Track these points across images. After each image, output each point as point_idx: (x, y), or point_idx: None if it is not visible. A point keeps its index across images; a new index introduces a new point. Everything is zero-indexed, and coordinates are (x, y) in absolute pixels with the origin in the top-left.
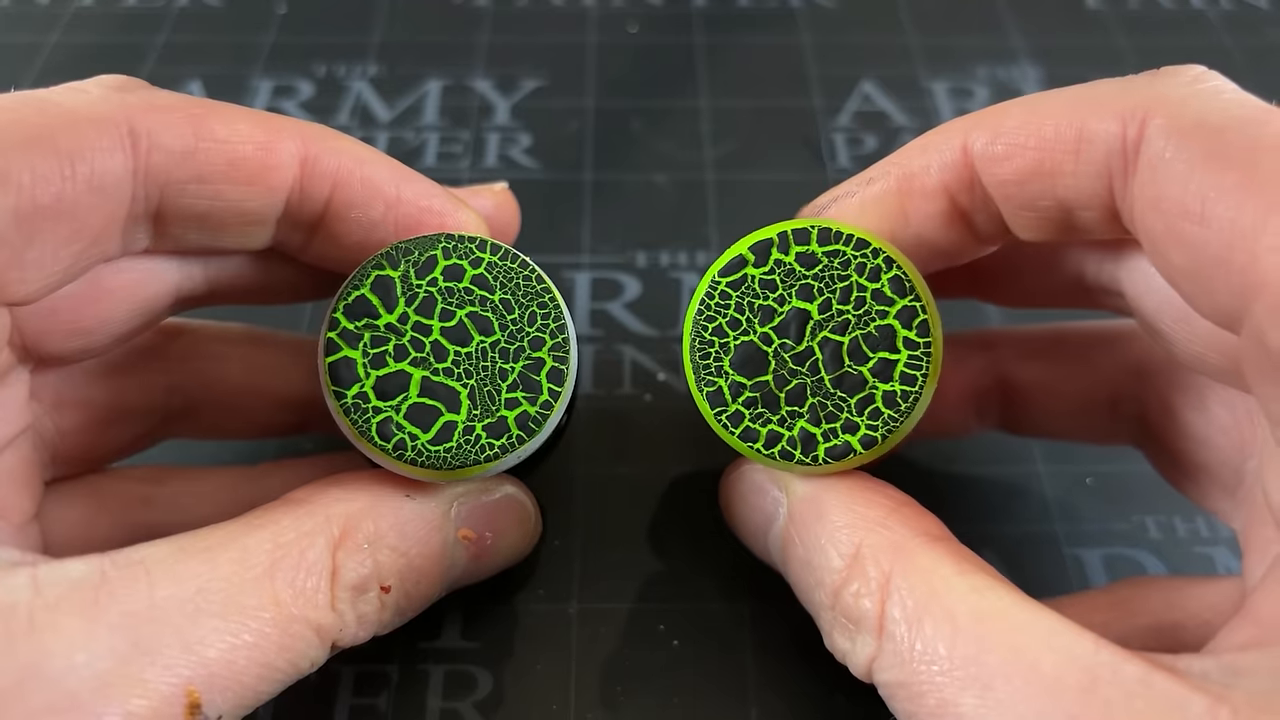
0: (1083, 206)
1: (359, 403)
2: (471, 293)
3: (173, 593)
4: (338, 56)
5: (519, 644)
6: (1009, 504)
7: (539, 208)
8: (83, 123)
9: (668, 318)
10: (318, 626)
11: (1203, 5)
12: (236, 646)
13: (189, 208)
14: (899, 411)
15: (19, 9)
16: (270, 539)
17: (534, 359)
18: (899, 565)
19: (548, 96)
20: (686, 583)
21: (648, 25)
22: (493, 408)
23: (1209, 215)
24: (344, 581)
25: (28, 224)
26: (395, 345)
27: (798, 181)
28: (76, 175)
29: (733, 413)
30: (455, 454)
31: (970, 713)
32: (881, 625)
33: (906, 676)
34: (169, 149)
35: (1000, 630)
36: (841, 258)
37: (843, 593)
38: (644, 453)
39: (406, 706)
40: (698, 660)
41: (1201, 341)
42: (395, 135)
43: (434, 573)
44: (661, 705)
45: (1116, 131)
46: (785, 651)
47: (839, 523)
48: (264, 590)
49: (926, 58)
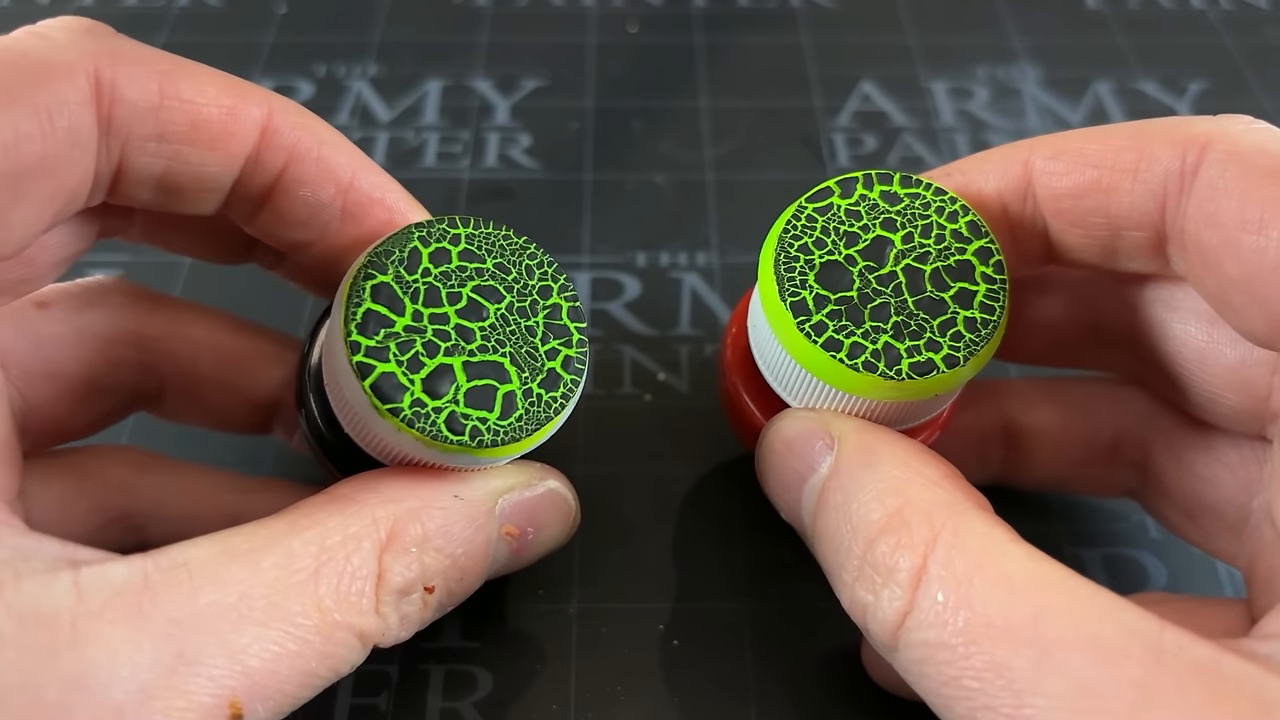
0: (1133, 227)
1: (418, 409)
2: (465, 269)
3: (216, 598)
4: (338, 56)
5: (519, 644)
6: (1009, 504)
7: (539, 208)
8: (55, 73)
9: (668, 318)
10: (361, 632)
11: (1203, 5)
12: (280, 655)
13: (147, 166)
14: (979, 336)
15: (19, 9)
16: (316, 541)
17: (550, 306)
18: (950, 524)
19: (548, 96)
20: (686, 583)
21: (648, 25)
22: (537, 364)
23: (1268, 224)
24: (390, 585)
25: (15, 185)
26: (423, 343)
27: (798, 181)
28: (56, 131)
29: (816, 322)
30: (527, 419)
31: (1025, 675)
32: (919, 581)
33: (948, 637)
34: (133, 103)
35: (1060, 598)
36: (922, 200)
37: (878, 543)
38: (644, 453)
39: (406, 706)
40: (698, 660)
41: (1218, 381)
42: (395, 135)
43: (477, 570)
44: (661, 705)
45: (1176, 155)
46: (785, 651)
47: (890, 473)
48: (308, 596)
49: (926, 58)
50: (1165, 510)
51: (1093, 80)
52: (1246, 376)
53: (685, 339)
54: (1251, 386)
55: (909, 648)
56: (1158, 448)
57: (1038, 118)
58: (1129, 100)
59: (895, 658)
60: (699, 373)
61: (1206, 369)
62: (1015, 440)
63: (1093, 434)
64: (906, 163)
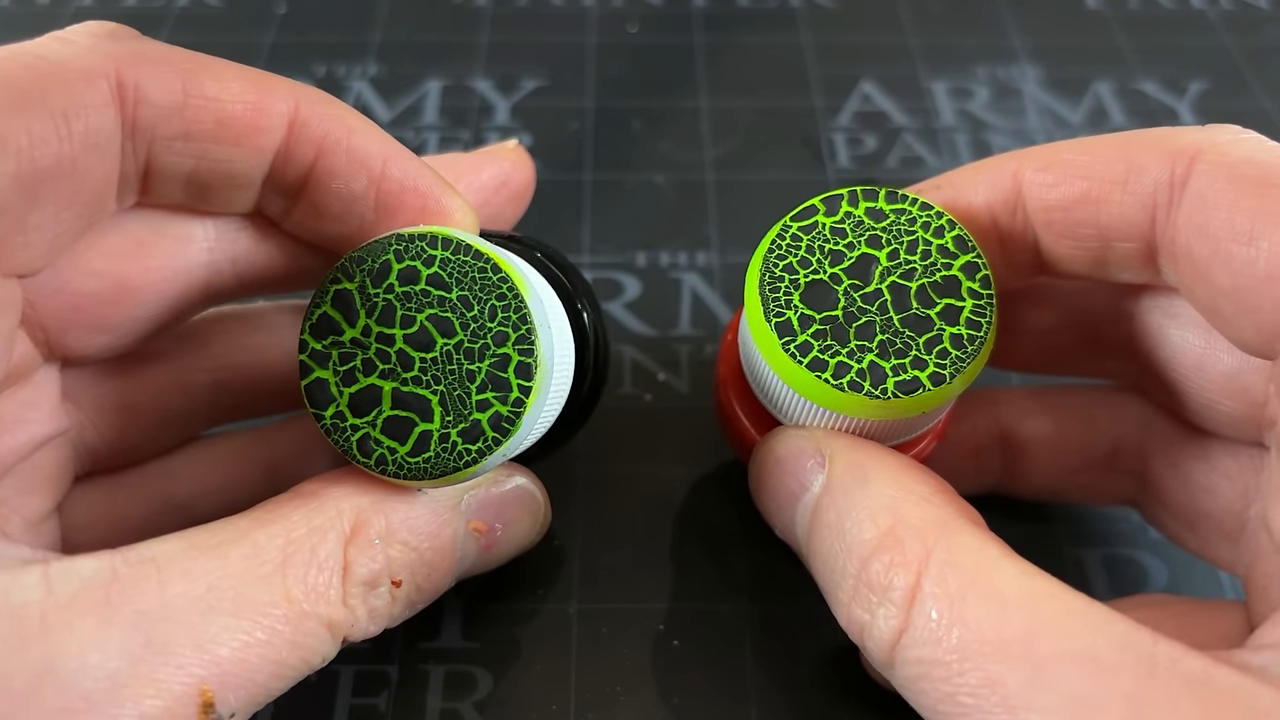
0: (1123, 238)
1: (337, 422)
2: (429, 294)
3: (184, 590)
4: (338, 56)
5: (519, 644)
6: (1009, 504)
7: (539, 208)
8: (74, 77)
9: (668, 318)
10: (330, 622)
11: (1203, 5)
12: (249, 644)
13: (174, 165)
14: (965, 353)
15: (19, 9)
16: (282, 534)
17: (499, 355)
18: (943, 541)
19: (548, 96)
20: (686, 583)
21: (648, 25)
22: (464, 412)
23: (1258, 234)
24: (356, 577)
25: (29, 188)
26: (363, 359)
27: (798, 181)
28: (73, 134)
29: (801, 343)
30: (434, 463)
31: (1018, 690)
32: (913, 599)
33: (942, 654)
34: (157, 104)
35: (1053, 613)
36: (908, 216)
37: (873, 562)
38: (644, 453)
39: (406, 706)
40: (698, 660)
41: (1215, 387)
42: (395, 135)
43: (444, 565)
44: (661, 706)
45: (1165, 166)
46: (785, 652)
47: (882, 491)
48: (276, 587)
49: (926, 58)
50: (1163, 518)
51: (1093, 80)
52: (1243, 383)
53: (685, 339)
54: (1248, 393)
55: (905, 665)
56: (1155, 455)
57: (1038, 118)
58: (1129, 100)
59: (893, 674)
60: (699, 373)
61: (1203, 375)
62: (1012, 450)
63: (1090, 442)
64: (906, 163)
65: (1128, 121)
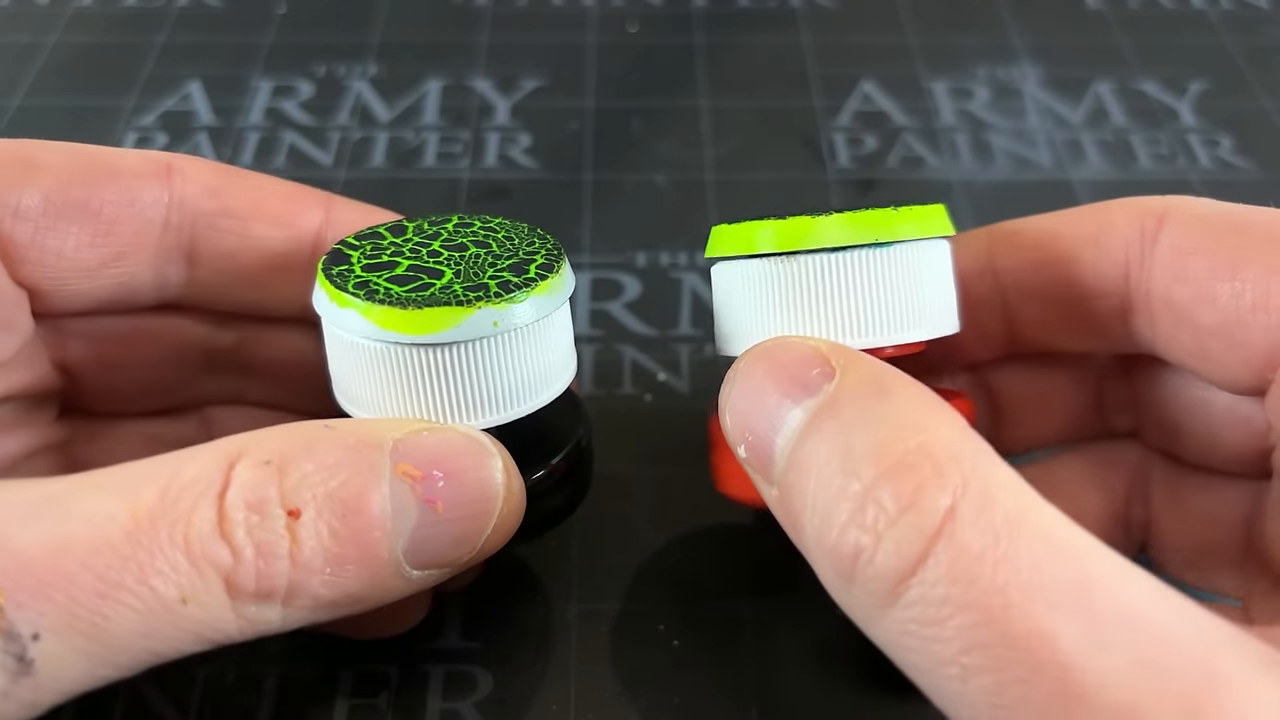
0: (1097, 295)
1: (345, 272)
2: (470, 227)
3: (19, 499)
4: (338, 56)
5: (519, 644)
6: None
7: (539, 208)
8: (123, 151)
9: (668, 318)
10: (197, 550)
11: (1203, 5)
12: (65, 547)
13: (218, 243)
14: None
15: (19, 9)
16: (150, 462)
17: (526, 255)
18: (980, 470)
19: (548, 96)
20: (686, 583)
21: (648, 25)
22: (476, 278)
23: (1240, 269)
24: (235, 498)
25: (55, 210)
26: (392, 251)
27: (798, 181)
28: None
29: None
30: (425, 298)
31: (1073, 646)
32: (942, 527)
33: (977, 596)
34: (201, 183)
35: (1105, 568)
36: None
37: (890, 479)
38: (644, 453)
39: (406, 706)
40: (698, 660)
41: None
42: (395, 135)
43: (368, 509)
44: (661, 705)
45: (1134, 224)
46: (786, 651)
47: (908, 406)
48: (119, 497)
49: (926, 58)
50: (1161, 557)
51: (1093, 80)
52: (1245, 413)
53: (685, 339)
54: (1250, 423)
55: (916, 605)
56: (1156, 497)
57: (1038, 118)
58: (1129, 100)
59: (885, 617)
60: (699, 373)
61: (1207, 410)
62: None
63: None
64: (906, 162)
65: (1128, 121)
